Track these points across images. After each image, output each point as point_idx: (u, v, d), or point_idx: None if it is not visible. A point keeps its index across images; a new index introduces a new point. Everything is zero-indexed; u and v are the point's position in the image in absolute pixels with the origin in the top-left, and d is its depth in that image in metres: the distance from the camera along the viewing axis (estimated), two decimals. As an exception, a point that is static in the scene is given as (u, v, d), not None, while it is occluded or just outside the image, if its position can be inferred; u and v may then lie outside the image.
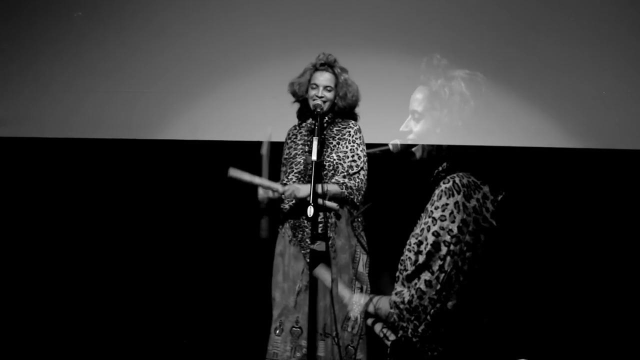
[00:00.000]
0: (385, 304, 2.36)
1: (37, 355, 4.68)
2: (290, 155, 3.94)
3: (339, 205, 3.77)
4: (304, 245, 3.79)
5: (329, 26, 4.50)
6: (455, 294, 2.25)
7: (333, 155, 3.84)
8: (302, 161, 3.87)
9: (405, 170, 2.86)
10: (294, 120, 4.08)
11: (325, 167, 3.81)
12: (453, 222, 2.27)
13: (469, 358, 2.28)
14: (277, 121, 4.25)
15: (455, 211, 2.28)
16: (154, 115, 4.61)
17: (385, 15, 4.47)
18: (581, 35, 4.31)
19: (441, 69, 2.39)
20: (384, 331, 2.41)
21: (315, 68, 3.94)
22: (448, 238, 2.26)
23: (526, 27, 4.35)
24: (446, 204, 2.29)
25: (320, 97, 3.86)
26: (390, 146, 3.42)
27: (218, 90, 4.62)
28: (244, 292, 4.63)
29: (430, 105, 2.40)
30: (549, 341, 4.40)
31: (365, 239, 3.86)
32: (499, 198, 2.36)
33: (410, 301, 2.26)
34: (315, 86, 3.88)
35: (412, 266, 2.29)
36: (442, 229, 2.27)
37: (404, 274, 2.33)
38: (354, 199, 3.79)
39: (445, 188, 2.32)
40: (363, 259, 3.83)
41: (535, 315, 4.33)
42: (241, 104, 4.59)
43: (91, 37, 4.60)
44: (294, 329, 3.75)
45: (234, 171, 3.76)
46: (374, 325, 2.45)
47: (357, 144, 3.87)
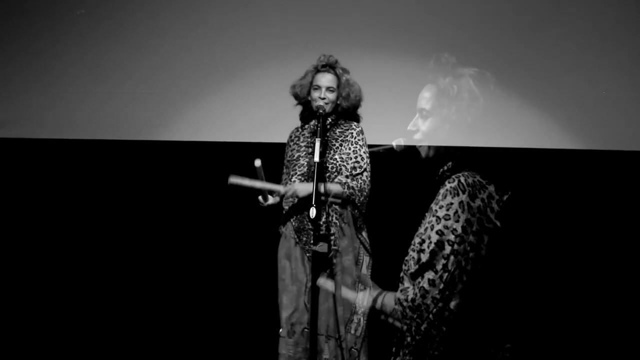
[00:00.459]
0: (391, 300, 2.35)
1: (37, 355, 4.66)
2: (293, 158, 3.92)
3: (339, 200, 3.75)
4: (308, 249, 3.78)
5: (330, 26, 4.49)
6: (458, 294, 2.23)
7: (336, 157, 3.83)
8: (305, 163, 3.86)
9: (410, 170, 2.84)
10: (294, 122, 4.07)
11: (329, 169, 3.80)
12: (457, 222, 2.25)
13: (471, 358, 2.27)
14: (278, 122, 4.24)
15: (459, 210, 2.26)
16: (154, 115, 4.60)
17: (387, 16, 4.46)
18: (585, 36, 4.31)
19: (449, 67, 2.37)
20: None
21: (316, 69, 3.92)
22: (452, 237, 2.24)
23: (531, 29, 4.35)
24: (451, 203, 2.27)
25: (322, 99, 3.84)
26: (394, 145, 3.42)
27: (219, 91, 4.61)
28: (244, 293, 4.62)
29: (438, 103, 2.38)
30: (551, 341, 4.39)
31: (368, 240, 3.85)
32: (505, 198, 2.35)
33: (413, 299, 2.25)
34: (318, 87, 3.87)
35: (416, 265, 2.28)
36: (446, 228, 2.25)
37: (407, 273, 2.31)
38: (355, 200, 3.77)
39: (451, 187, 2.30)
40: (366, 260, 3.82)
41: (537, 315, 4.32)
42: (242, 104, 4.58)
43: (91, 38, 4.59)
44: (306, 330, 3.73)
45: (234, 178, 3.77)
46: (388, 317, 2.44)
47: (360, 145, 3.86)
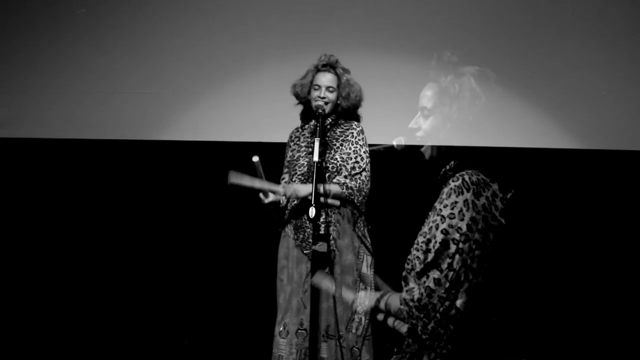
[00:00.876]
0: (395, 301, 2.35)
1: (37, 355, 4.65)
2: (294, 158, 3.92)
3: (339, 203, 3.75)
4: (306, 246, 3.78)
5: (331, 26, 4.50)
6: (464, 292, 2.24)
7: (337, 156, 3.82)
8: (305, 163, 3.85)
9: (411, 169, 2.85)
10: (295, 121, 4.06)
11: (329, 169, 3.80)
12: (462, 220, 2.25)
13: (478, 357, 2.27)
14: (278, 122, 4.24)
15: (464, 209, 2.26)
16: (154, 115, 4.60)
17: (388, 15, 4.47)
18: (585, 36, 4.32)
19: (451, 66, 2.37)
20: (396, 323, 2.41)
21: (317, 69, 3.92)
22: (457, 236, 2.24)
23: (531, 29, 4.35)
24: (455, 202, 2.27)
25: (322, 98, 3.84)
26: (394, 144, 3.42)
27: (219, 91, 4.62)
28: (245, 294, 4.62)
29: (439, 101, 2.38)
30: (555, 339, 4.39)
31: (369, 239, 3.85)
32: (508, 196, 2.35)
33: (419, 299, 2.25)
34: (318, 87, 3.87)
35: (421, 264, 2.28)
36: (451, 226, 2.25)
37: (412, 273, 2.31)
38: (355, 200, 3.77)
39: (455, 186, 2.30)
40: (367, 259, 3.81)
41: (542, 314, 4.33)
42: (241, 104, 4.58)
43: (91, 37, 4.60)
44: (300, 331, 3.72)
45: (233, 177, 3.77)
46: (387, 320, 2.44)
47: (360, 145, 3.85)
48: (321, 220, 3.71)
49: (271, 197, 3.84)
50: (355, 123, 3.92)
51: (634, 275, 4.42)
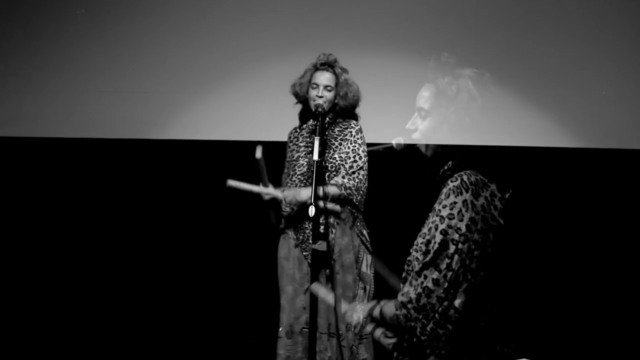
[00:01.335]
0: (390, 308, 2.34)
1: (37, 355, 4.66)
2: (293, 158, 3.92)
3: (340, 207, 3.75)
4: (305, 247, 3.78)
5: (330, 26, 4.50)
6: (463, 293, 2.23)
7: (335, 156, 3.83)
8: (305, 163, 3.86)
9: (410, 169, 2.84)
10: (294, 120, 4.06)
11: (328, 169, 3.80)
12: (461, 221, 2.25)
13: (476, 357, 2.26)
14: (278, 121, 4.24)
15: (463, 209, 2.26)
16: (154, 115, 4.60)
17: (386, 15, 4.47)
18: (585, 35, 4.32)
19: (449, 67, 2.37)
20: (382, 338, 2.40)
21: (315, 68, 3.92)
22: (456, 236, 2.24)
23: (530, 29, 4.35)
24: (454, 202, 2.27)
25: (320, 97, 3.84)
26: (393, 144, 3.41)
27: (218, 90, 4.61)
28: (244, 293, 4.62)
29: (436, 102, 2.38)
30: (555, 338, 4.39)
31: (368, 239, 3.85)
32: (507, 196, 2.35)
33: (418, 300, 2.24)
34: (316, 86, 3.87)
35: (420, 264, 2.27)
36: (450, 227, 2.25)
37: (411, 274, 2.31)
38: (353, 199, 3.77)
39: (454, 186, 2.30)
40: (367, 259, 3.82)
41: (542, 313, 4.33)
42: (242, 104, 4.58)
43: (91, 37, 4.59)
44: (304, 329, 3.73)
45: (232, 181, 3.78)
46: (374, 331, 2.43)
47: (359, 144, 3.86)
48: (321, 220, 3.71)
49: (271, 190, 3.83)
50: (354, 122, 3.92)
51: (634, 276, 4.41)
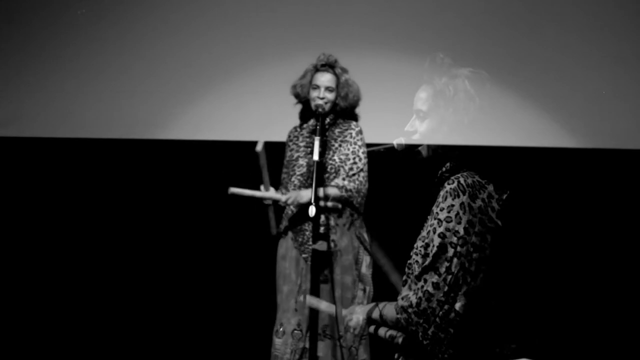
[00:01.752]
0: (391, 311, 2.34)
1: (37, 355, 4.66)
2: (292, 158, 3.92)
3: (340, 205, 3.75)
4: (304, 249, 3.78)
5: (330, 26, 4.49)
6: (463, 296, 2.23)
7: (335, 157, 3.83)
8: (305, 163, 3.86)
9: (410, 171, 2.84)
10: (294, 121, 4.07)
11: (327, 170, 3.80)
12: (459, 224, 2.25)
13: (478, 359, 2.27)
14: (278, 121, 4.24)
15: (461, 212, 2.26)
16: (154, 115, 4.60)
17: (385, 15, 4.46)
18: (584, 34, 4.31)
19: (445, 67, 2.37)
20: (389, 335, 2.39)
21: (316, 69, 3.93)
22: (454, 240, 2.24)
23: (529, 28, 4.34)
24: (452, 205, 2.27)
25: (321, 98, 3.84)
26: (394, 144, 3.41)
27: (218, 90, 4.61)
28: (244, 293, 4.63)
29: (434, 104, 2.38)
30: (556, 338, 4.39)
31: (367, 239, 3.85)
32: (504, 197, 2.35)
33: (418, 304, 2.24)
34: (317, 87, 3.87)
35: (419, 268, 2.27)
36: (448, 230, 2.25)
37: (412, 277, 2.31)
38: (354, 201, 3.78)
39: (450, 189, 2.30)
40: (366, 260, 3.83)
41: (542, 314, 4.33)
42: (242, 104, 4.58)
43: (91, 37, 4.59)
44: (295, 331, 3.74)
45: (234, 189, 3.80)
46: (378, 331, 2.43)
47: (359, 145, 3.86)
48: (321, 220, 3.72)
49: (271, 193, 3.84)
50: (354, 123, 3.92)
51: (634, 276, 4.41)
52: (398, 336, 2.36)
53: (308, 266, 3.77)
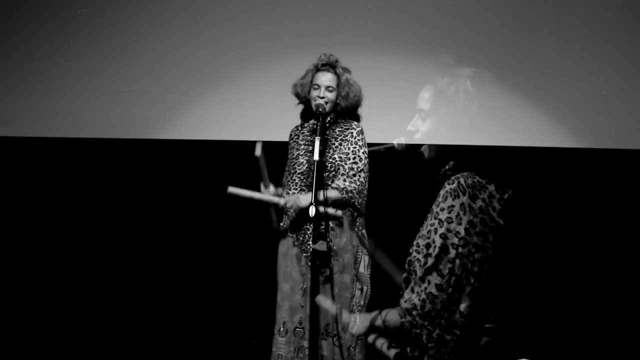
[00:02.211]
0: (394, 316, 2.33)
1: (37, 355, 4.66)
2: (293, 156, 3.92)
3: (342, 212, 3.75)
4: (304, 248, 3.78)
5: (331, 26, 4.49)
6: (467, 296, 2.23)
7: (335, 156, 3.83)
8: (305, 162, 3.86)
9: (410, 170, 2.84)
10: (294, 120, 4.06)
11: (327, 168, 3.80)
12: (460, 224, 2.25)
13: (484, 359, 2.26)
14: (277, 121, 4.24)
15: (461, 213, 2.26)
16: (154, 115, 4.60)
17: (389, 14, 4.46)
18: (584, 35, 4.32)
19: (447, 67, 2.37)
20: (384, 347, 2.39)
21: (316, 69, 3.91)
22: (456, 240, 2.24)
23: (530, 28, 4.35)
24: (452, 206, 2.27)
25: (321, 98, 3.83)
26: (395, 144, 3.41)
27: (218, 90, 4.61)
28: (245, 292, 4.63)
29: (436, 103, 2.38)
30: (557, 338, 4.40)
31: (367, 239, 3.85)
32: (506, 196, 2.35)
33: (422, 306, 2.23)
34: (317, 87, 3.86)
35: (422, 268, 2.27)
36: (449, 231, 2.25)
37: (413, 275, 2.31)
38: (355, 202, 3.77)
39: (451, 189, 2.30)
40: (365, 260, 3.82)
41: (543, 314, 4.33)
42: (242, 104, 4.58)
43: (91, 37, 4.59)
44: (297, 329, 3.74)
45: (233, 188, 3.79)
46: (376, 341, 2.43)
47: (360, 145, 3.85)
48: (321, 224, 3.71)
49: (271, 196, 3.84)
50: (355, 123, 3.91)
51: (634, 276, 4.42)
52: (391, 351, 2.36)
53: (309, 266, 3.77)
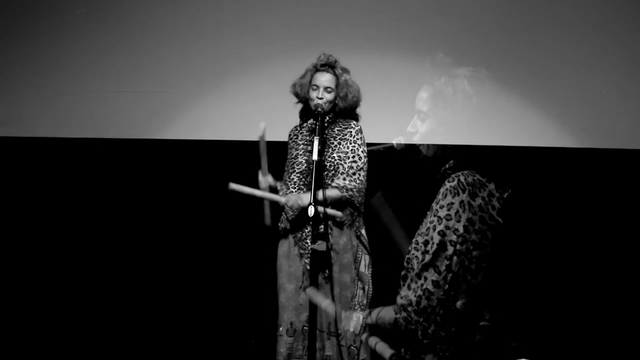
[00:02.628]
0: (389, 313, 2.33)
1: (37, 355, 4.66)
2: (292, 156, 3.93)
3: (341, 213, 3.75)
4: (304, 246, 3.78)
5: (330, 26, 4.49)
6: (463, 293, 2.23)
7: (334, 155, 3.83)
8: (304, 161, 3.86)
9: (410, 168, 2.84)
10: (294, 120, 4.07)
11: (326, 167, 3.80)
12: (459, 222, 2.25)
13: (481, 357, 2.26)
14: (277, 120, 4.24)
15: (460, 210, 2.26)
16: (154, 115, 4.60)
17: (388, 14, 4.46)
18: (584, 34, 4.32)
19: (445, 67, 2.37)
20: (378, 346, 2.39)
21: (315, 69, 3.92)
22: (454, 238, 2.24)
23: (528, 27, 4.35)
24: (451, 203, 2.27)
25: (320, 98, 3.84)
26: (394, 144, 3.42)
27: (218, 90, 4.61)
28: (245, 292, 4.63)
29: (434, 104, 2.38)
30: (556, 336, 4.40)
31: (366, 238, 3.85)
32: (505, 195, 2.35)
33: (418, 302, 2.23)
34: (316, 87, 3.87)
35: (419, 265, 2.27)
36: (448, 228, 2.25)
37: (411, 272, 2.31)
38: (355, 201, 3.78)
39: (450, 187, 2.30)
40: (365, 259, 3.82)
41: (541, 313, 4.33)
42: (241, 103, 4.58)
43: (91, 36, 4.59)
44: (305, 328, 3.74)
45: (234, 185, 3.80)
46: (369, 339, 2.43)
47: (359, 144, 3.85)
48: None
49: (271, 194, 3.84)
50: (354, 122, 3.92)
51: (634, 275, 4.41)
52: (385, 350, 2.36)
53: (306, 264, 3.78)
